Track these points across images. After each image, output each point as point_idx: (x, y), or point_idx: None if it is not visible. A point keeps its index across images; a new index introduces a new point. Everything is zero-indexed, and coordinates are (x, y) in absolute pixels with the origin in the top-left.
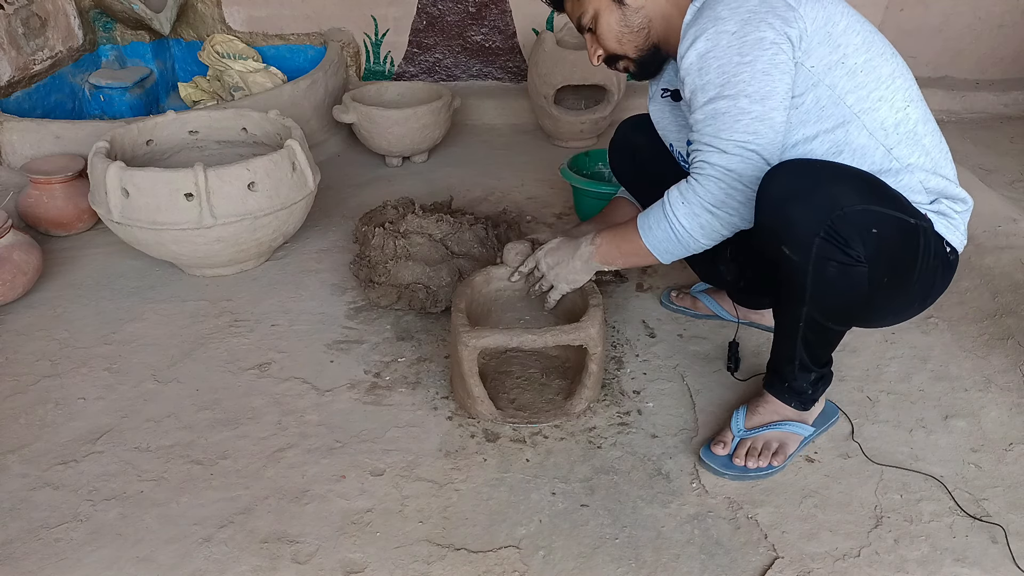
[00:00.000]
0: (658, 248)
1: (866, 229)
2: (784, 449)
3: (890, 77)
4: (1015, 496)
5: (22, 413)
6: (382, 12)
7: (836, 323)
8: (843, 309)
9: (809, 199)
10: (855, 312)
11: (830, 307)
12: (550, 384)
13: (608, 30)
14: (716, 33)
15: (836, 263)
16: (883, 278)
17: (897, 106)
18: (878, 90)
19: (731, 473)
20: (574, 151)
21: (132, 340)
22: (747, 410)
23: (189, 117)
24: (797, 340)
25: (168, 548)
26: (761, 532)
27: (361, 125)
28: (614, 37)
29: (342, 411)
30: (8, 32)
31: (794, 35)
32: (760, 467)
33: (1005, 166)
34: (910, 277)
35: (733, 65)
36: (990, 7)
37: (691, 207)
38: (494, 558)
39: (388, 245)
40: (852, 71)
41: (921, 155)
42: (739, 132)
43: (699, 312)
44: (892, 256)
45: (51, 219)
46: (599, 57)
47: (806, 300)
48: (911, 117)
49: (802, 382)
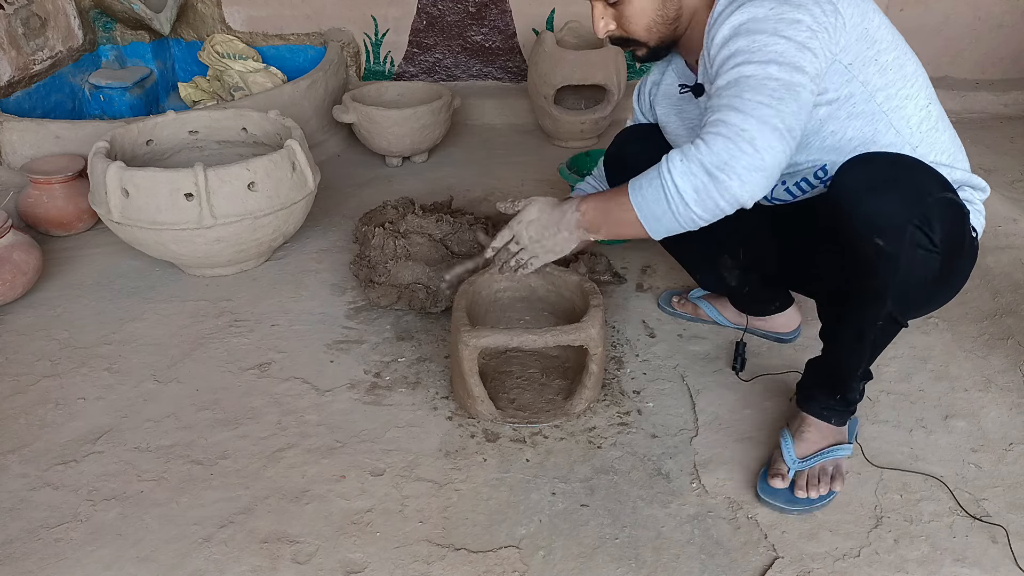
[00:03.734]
0: (647, 213)
1: (944, 216)
2: (840, 472)
3: (914, 75)
4: (1015, 496)
5: (22, 413)
6: (382, 12)
7: (907, 316)
8: (918, 300)
9: (898, 188)
10: (924, 302)
11: (911, 299)
12: (550, 384)
13: (640, 14)
14: (753, 7)
15: (923, 251)
16: (946, 265)
17: (920, 103)
18: (905, 88)
19: (798, 509)
20: (574, 151)
21: (132, 340)
22: (792, 436)
23: (189, 117)
24: (866, 341)
25: (168, 548)
26: (761, 532)
27: (361, 125)
28: (644, 24)
29: (342, 411)
30: (8, 32)
31: (831, 27)
32: (822, 495)
33: (1005, 166)
34: (959, 263)
35: (767, 35)
36: (990, 7)
37: (689, 165)
38: (494, 558)
39: (388, 245)
40: (883, 68)
41: (942, 152)
42: (763, 94)
43: (699, 319)
44: (954, 242)
45: (51, 219)
46: (608, 32)
47: (889, 295)
48: (932, 114)
49: (854, 392)
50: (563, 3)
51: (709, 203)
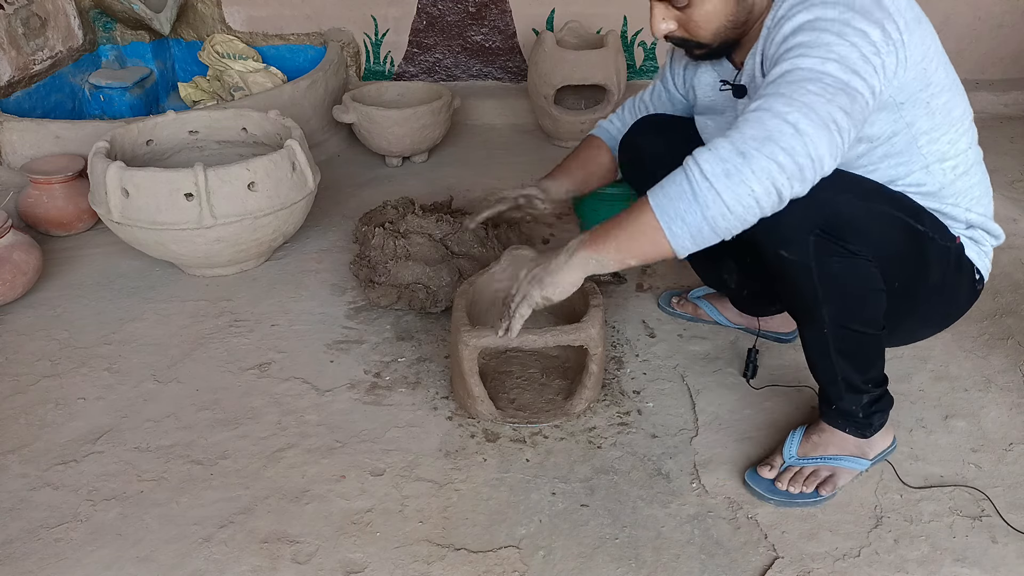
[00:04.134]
0: (669, 211)
1: (863, 226)
2: (834, 481)
3: (960, 118)
4: (1015, 496)
5: (22, 413)
6: (382, 12)
7: (864, 324)
8: (864, 305)
9: (800, 200)
10: (877, 308)
11: (850, 306)
12: (550, 384)
13: (710, 18)
14: (822, 8)
15: (839, 258)
16: (894, 282)
17: (960, 147)
18: (949, 132)
19: (776, 499)
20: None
21: (132, 340)
22: (803, 436)
23: (189, 117)
24: (831, 354)
25: (168, 548)
26: (761, 532)
27: (361, 125)
28: (713, 28)
29: (342, 411)
30: (8, 32)
31: (895, 57)
32: (804, 492)
33: (1005, 166)
34: (922, 285)
35: (833, 35)
36: (990, 7)
37: (718, 151)
38: (494, 558)
39: (388, 245)
40: (932, 111)
41: (969, 197)
42: (817, 86)
43: (700, 319)
44: (897, 258)
45: (51, 219)
46: (668, 33)
47: (821, 301)
48: (968, 159)
49: (850, 404)
50: (563, 3)
51: (741, 194)
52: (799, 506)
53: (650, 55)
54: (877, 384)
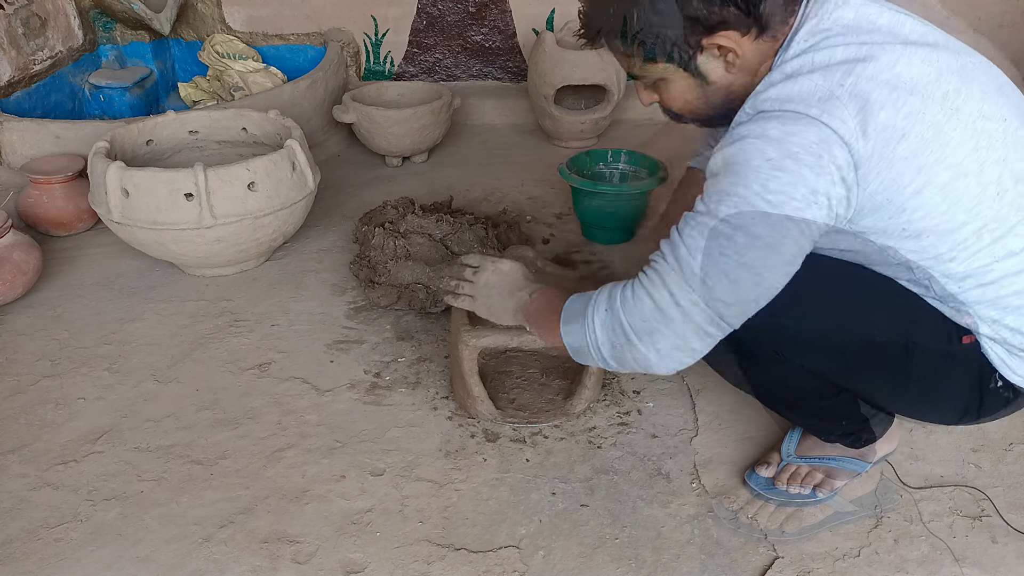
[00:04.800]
0: (569, 336)
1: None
2: (830, 482)
3: (976, 233)
4: (1015, 496)
5: (22, 413)
6: (382, 12)
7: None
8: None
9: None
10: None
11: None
12: (550, 384)
13: (681, 96)
14: (753, 149)
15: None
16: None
17: (988, 255)
18: (953, 251)
19: (776, 499)
20: (574, 151)
21: (132, 340)
22: (802, 434)
23: (189, 117)
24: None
25: (168, 548)
26: (761, 532)
27: (361, 125)
28: (687, 108)
29: (342, 411)
30: (8, 32)
31: (837, 195)
32: (801, 493)
33: None
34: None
35: (751, 184)
36: (990, 7)
37: (612, 318)
38: (494, 558)
39: (388, 245)
40: (916, 234)
41: (997, 309)
42: (716, 272)
43: None
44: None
45: (51, 219)
46: (652, 103)
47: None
48: (999, 265)
49: (829, 431)
50: (563, 3)
51: (626, 361)
52: (796, 506)
53: None
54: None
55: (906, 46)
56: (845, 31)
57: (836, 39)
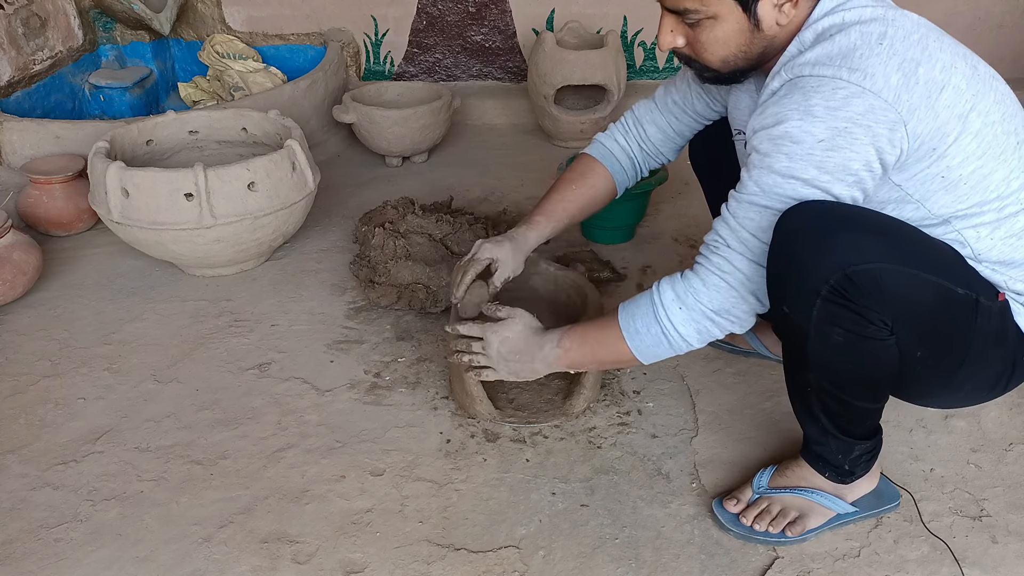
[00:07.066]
0: (645, 353)
1: (887, 292)
2: (803, 521)
3: (1005, 180)
4: (1015, 496)
5: (22, 413)
6: (382, 12)
7: (857, 398)
8: (861, 383)
9: (818, 247)
10: (881, 387)
11: (844, 381)
12: (550, 384)
13: (720, 44)
14: (801, 131)
15: (843, 332)
16: (915, 352)
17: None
18: (984, 204)
19: (736, 531)
20: (574, 151)
21: (132, 340)
22: (776, 470)
23: (189, 117)
24: (813, 406)
25: (168, 548)
26: (763, 535)
27: (361, 125)
28: (721, 55)
29: (342, 411)
30: (8, 32)
31: (890, 159)
32: (769, 532)
33: None
34: (959, 355)
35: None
36: (990, 7)
37: (690, 313)
38: (494, 558)
39: (388, 245)
40: (952, 184)
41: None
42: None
43: (738, 347)
44: (928, 330)
45: (51, 219)
46: (674, 48)
47: (811, 368)
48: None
49: (835, 453)
50: (563, 3)
51: (711, 339)
52: (758, 543)
53: (650, 55)
54: (867, 437)
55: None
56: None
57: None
